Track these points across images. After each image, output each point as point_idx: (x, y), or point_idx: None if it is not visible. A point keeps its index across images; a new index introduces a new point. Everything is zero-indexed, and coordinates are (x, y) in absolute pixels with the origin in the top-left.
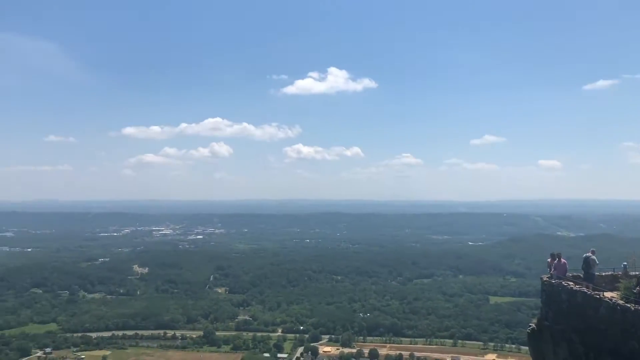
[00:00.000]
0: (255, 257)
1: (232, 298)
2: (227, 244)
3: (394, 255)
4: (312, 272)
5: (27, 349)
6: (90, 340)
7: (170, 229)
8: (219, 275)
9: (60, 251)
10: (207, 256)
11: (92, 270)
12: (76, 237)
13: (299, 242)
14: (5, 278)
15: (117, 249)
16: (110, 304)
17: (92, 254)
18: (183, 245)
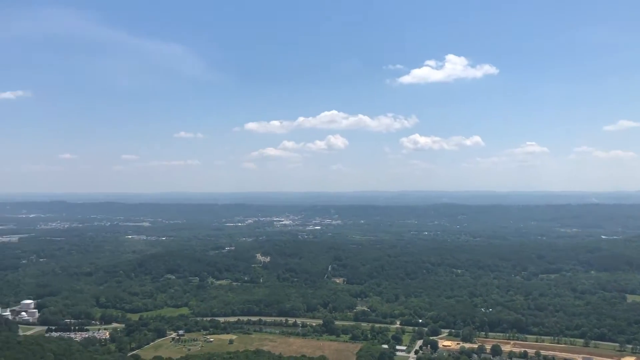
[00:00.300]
0: (372, 249)
1: (350, 289)
2: (344, 235)
3: (517, 248)
4: (431, 265)
5: (162, 330)
6: (218, 324)
7: (290, 219)
8: (337, 265)
9: (190, 240)
10: (325, 247)
11: (220, 258)
12: (205, 227)
13: (417, 234)
14: (144, 264)
15: (241, 238)
16: (236, 291)
17: (219, 242)
18: (302, 236)
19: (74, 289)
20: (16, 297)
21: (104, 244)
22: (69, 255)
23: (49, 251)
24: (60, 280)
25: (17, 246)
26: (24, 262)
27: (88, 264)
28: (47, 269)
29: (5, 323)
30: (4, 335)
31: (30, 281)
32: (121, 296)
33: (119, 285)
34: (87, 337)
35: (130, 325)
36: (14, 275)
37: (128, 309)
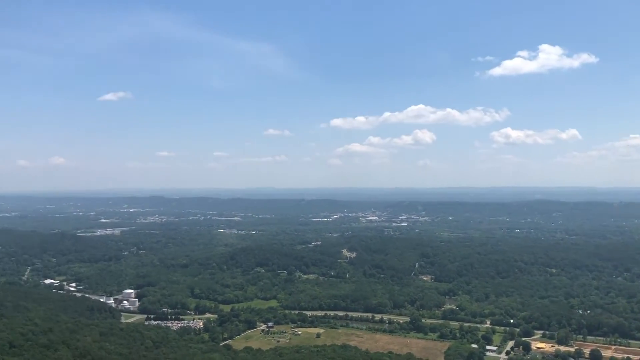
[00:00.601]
0: (461, 246)
1: (438, 286)
2: (431, 231)
3: (619, 247)
4: (524, 263)
5: (253, 322)
6: (306, 317)
7: (376, 215)
8: (424, 262)
9: (278, 234)
10: (411, 243)
11: (306, 253)
12: (292, 222)
13: (508, 232)
14: (235, 257)
15: (327, 234)
16: (322, 285)
17: (305, 237)
18: (388, 232)
19: (170, 280)
20: (119, 286)
21: (198, 237)
22: (166, 248)
23: (147, 244)
24: (158, 272)
25: (120, 239)
26: (125, 253)
27: (183, 256)
28: (146, 261)
29: (109, 310)
30: (108, 322)
31: (131, 272)
32: (214, 288)
33: (212, 277)
34: (182, 326)
35: (223, 316)
36: (116, 266)
37: (220, 300)
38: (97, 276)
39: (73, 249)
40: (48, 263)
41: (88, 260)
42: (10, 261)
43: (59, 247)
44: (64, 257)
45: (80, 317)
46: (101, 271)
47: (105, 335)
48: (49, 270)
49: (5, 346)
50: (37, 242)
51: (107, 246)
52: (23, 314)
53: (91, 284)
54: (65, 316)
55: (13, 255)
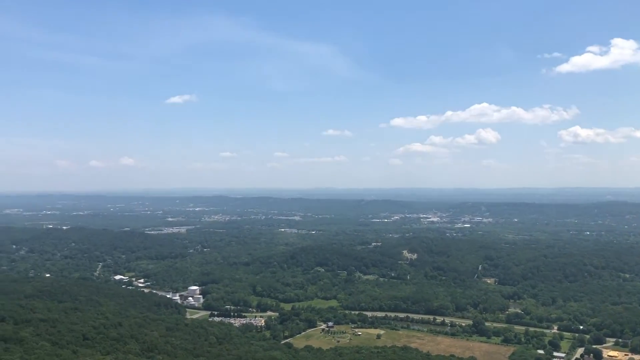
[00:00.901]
0: (526, 249)
1: (502, 289)
2: (495, 233)
3: None
4: (594, 267)
5: (313, 321)
6: (366, 318)
7: (437, 216)
8: (488, 265)
9: (338, 234)
10: (475, 245)
11: (366, 254)
12: (351, 222)
13: (577, 234)
14: (295, 256)
15: (387, 235)
16: (383, 286)
17: (365, 238)
18: (450, 233)
19: (233, 278)
20: (184, 283)
21: (259, 236)
22: (229, 246)
23: (212, 242)
24: (222, 269)
25: (185, 237)
26: (190, 251)
27: (246, 254)
28: (210, 258)
29: (175, 306)
30: (174, 318)
31: (195, 269)
32: (275, 286)
33: (273, 276)
34: (244, 323)
35: (284, 314)
36: (182, 263)
37: (281, 298)
38: (164, 273)
39: (141, 247)
40: (118, 259)
41: (155, 257)
42: (83, 257)
43: (128, 245)
44: (133, 254)
45: (148, 312)
46: (168, 268)
47: (171, 331)
48: (118, 267)
49: (79, 338)
50: (108, 240)
51: (174, 244)
52: (95, 308)
53: (158, 280)
54: (134, 311)
55: (86, 252)
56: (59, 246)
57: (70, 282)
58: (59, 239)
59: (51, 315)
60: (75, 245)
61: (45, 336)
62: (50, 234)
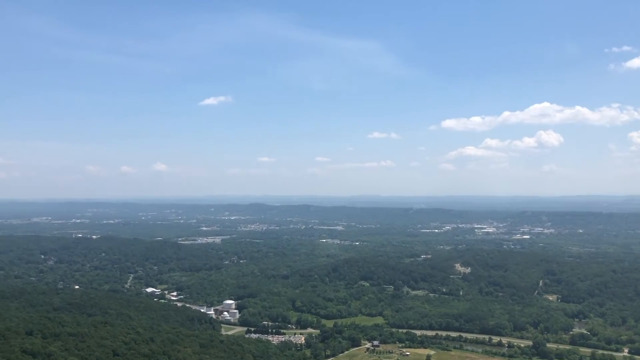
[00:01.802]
0: (592, 263)
1: (566, 307)
2: (558, 245)
3: None
4: None
5: (357, 340)
6: (414, 337)
7: (494, 227)
8: (550, 280)
9: (384, 246)
10: (535, 258)
11: (415, 267)
12: (399, 233)
13: None
14: (338, 269)
15: (438, 246)
16: (433, 302)
17: (414, 250)
18: (508, 245)
19: (271, 292)
20: (219, 296)
21: (299, 247)
22: (266, 258)
23: (248, 253)
24: (259, 282)
25: (220, 247)
26: (226, 262)
27: (284, 266)
28: (247, 271)
29: (210, 321)
30: (208, 334)
31: (231, 282)
32: (316, 301)
33: (313, 290)
34: (283, 341)
35: (325, 331)
36: (217, 275)
37: (323, 314)
38: (198, 285)
39: (174, 257)
40: (150, 271)
41: (189, 269)
42: (113, 268)
43: (161, 255)
44: (166, 265)
45: (181, 327)
46: (202, 280)
47: (206, 347)
48: (150, 279)
49: (109, 354)
50: (140, 250)
51: (208, 255)
52: (126, 323)
53: (192, 294)
54: (167, 326)
55: (116, 263)
56: (89, 256)
57: (100, 295)
58: (88, 248)
59: (80, 329)
60: (105, 255)
61: (74, 351)
62: (80, 244)
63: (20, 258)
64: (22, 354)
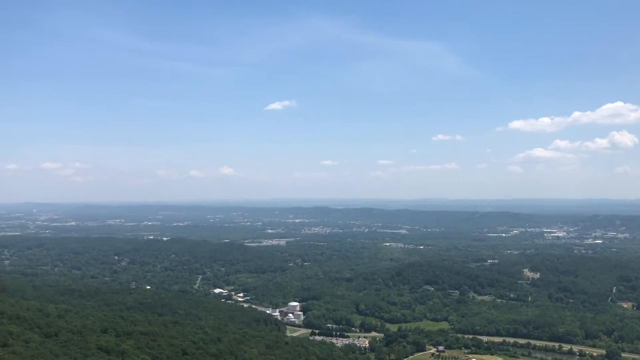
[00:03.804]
0: None
1: None
2: (633, 251)
3: None
4: None
5: (421, 344)
6: (481, 343)
7: (564, 231)
8: (624, 287)
9: (449, 250)
10: (608, 264)
11: (481, 272)
12: (464, 237)
13: None
14: (401, 273)
15: (505, 251)
16: (500, 308)
17: (480, 254)
18: (579, 250)
19: (335, 294)
20: (284, 298)
21: (362, 250)
22: (330, 260)
23: (312, 255)
24: (323, 285)
25: (285, 249)
26: (290, 265)
27: (348, 269)
28: (311, 273)
29: (275, 323)
30: (274, 335)
31: (296, 284)
32: (380, 305)
33: (377, 293)
34: (347, 344)
35: (389, 335)
36: (282, 277)
37: (387, 318)
38: (264, 287)
39: (241, 259)
40: (217, 272)
41: (255, 270)
42: (183, 269)
43: (228, 257)
44: (233, 266)
45: (247, 327)
46: (267, 282)
47: (271, 348)
48: (218, 280)
49: (178, 353)
50: (208, 252)
51: (273, 257)
52: (194, 322)
53: (257, 295)
54: (233, 326)
55: (185, 264)
56: (160, 257)
57: (170, 295)
58: (159, 250)
59: (151, 328)
60: (175, 256)
61: (146, 349)
62: (151, 245)
63: (96, 259)
64: (98, 350)
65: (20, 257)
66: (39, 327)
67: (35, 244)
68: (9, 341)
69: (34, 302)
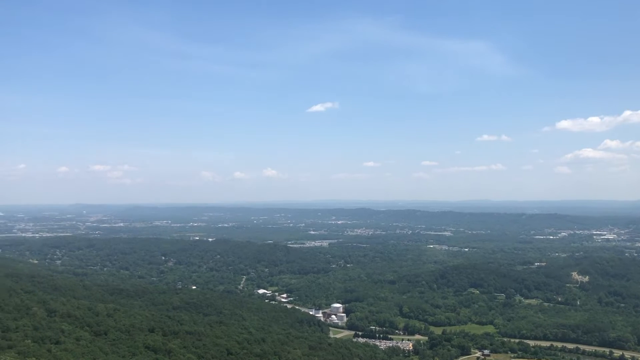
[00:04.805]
0: None
1: None
2: None
3: None
4: None
5: (466, 348)
6: (527, 347)
7: (614, 233)
8: None
9: (495, 252)
10: None
11: (528, 275)
12: (510, 239)
13: None
14: (446, 276)
15: (553, 253)
16: (547, 312)
17: (527, 257)
18: (630, 253)
19: (378, 296)
20: (327, 300)
21: (406, 253)
22: (372, 262)
23: (354, 257)
24: (366, 287)
25: (328, 251)
26: (333, 266)
27: (391, 271)
28: (354, 275)
29: (318, 324)
30: (317, 336)
31: (338, 285)
32: (423, 307)
33: (421, 296)
34: (391, 346)
35: (434, 338)
36: (325, 278)
37: (430, 321)
38: (306, 288)
39: (284, 260)
40: (261, 273)
41: (298, 271)
42: (227, 270)
43: (271, 258)
44: (276, 267)
45: (291, 328)
46: (310, 283)
47: (314, 350)
48: (261, 280)
49: (223, 353)
50: (252, 253)
51: (316, 258)
52: (239, 323)
53: (300, 296)
54: (277, 327)
55: (230, 265)
56: (205, 258)
57: (215, 295)
58: (204, 251)
59: (197, 328)
60: (220, 257)
61: (192, 349)
62: (197, 246)
63: (143, 259)
64: (145, 349)
65: (71, 257)
66: (89, 326)
67: (85, 244)
68: (61, 339)
69: (84, 301)
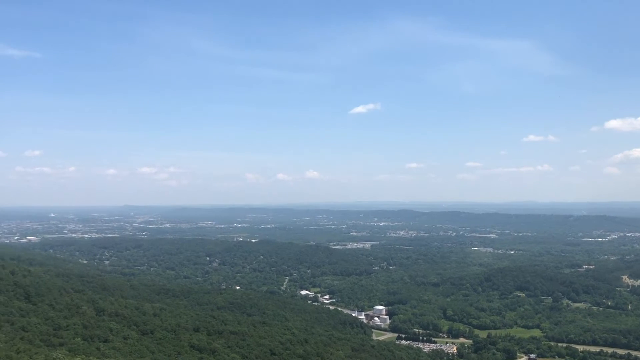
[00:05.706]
0: None
1: None
2: None
3: None
4: None
5: (512, 352)
6: (575, 352)
7: None
8: None
9: (541, 255)
10: None
11: (576, 278)
12: (557, 241)
13: None
14: (491, 278)
15: (602, 256)
16: (596, 316)
17: (574, 259)
18: None
19: (421, 299)
20: (369, 302)
21: (449, 255)
22: (416, 264)
23: (397, 259)
24: (409, 289)
25: (370, 253)
26: (375, 268)
27: (435, 274)
28: (396, 277)
29: (361, 326)
30: (360, 338)
31: (381, 287)
32: (468, 310)
33: (465, 299)
34: (434, 349)
35: (478, 342)
36: (367, 280)
37: (475, 324)
38: (349, 290)
39: (326, 262)
40: (304, 274)
41: (340, 273)
42: (270, 271)
43: (314, 259)
44: (318, 269)
45: (333, 330)
46: (352, 285)
47: (357, 352)
48: (304, 282)
49: (267, 353)
50: (294, 254)
51: (358, 260)
52: (282, 323)
53: (343, 298)
54: (320, 328)
55: (273, 265)
56: (248, 259)
57: (258, 296)
58: (248, 251)
59: (241, 328)
60: (263, 258)
61: (236, 349)
62: (240, 247)
63: (189, 260)
64: (190, 348)
65: (119, 257)
66: (136, 325)
67: (132, 245)
68: (110, 337)
69: (131, 300)
